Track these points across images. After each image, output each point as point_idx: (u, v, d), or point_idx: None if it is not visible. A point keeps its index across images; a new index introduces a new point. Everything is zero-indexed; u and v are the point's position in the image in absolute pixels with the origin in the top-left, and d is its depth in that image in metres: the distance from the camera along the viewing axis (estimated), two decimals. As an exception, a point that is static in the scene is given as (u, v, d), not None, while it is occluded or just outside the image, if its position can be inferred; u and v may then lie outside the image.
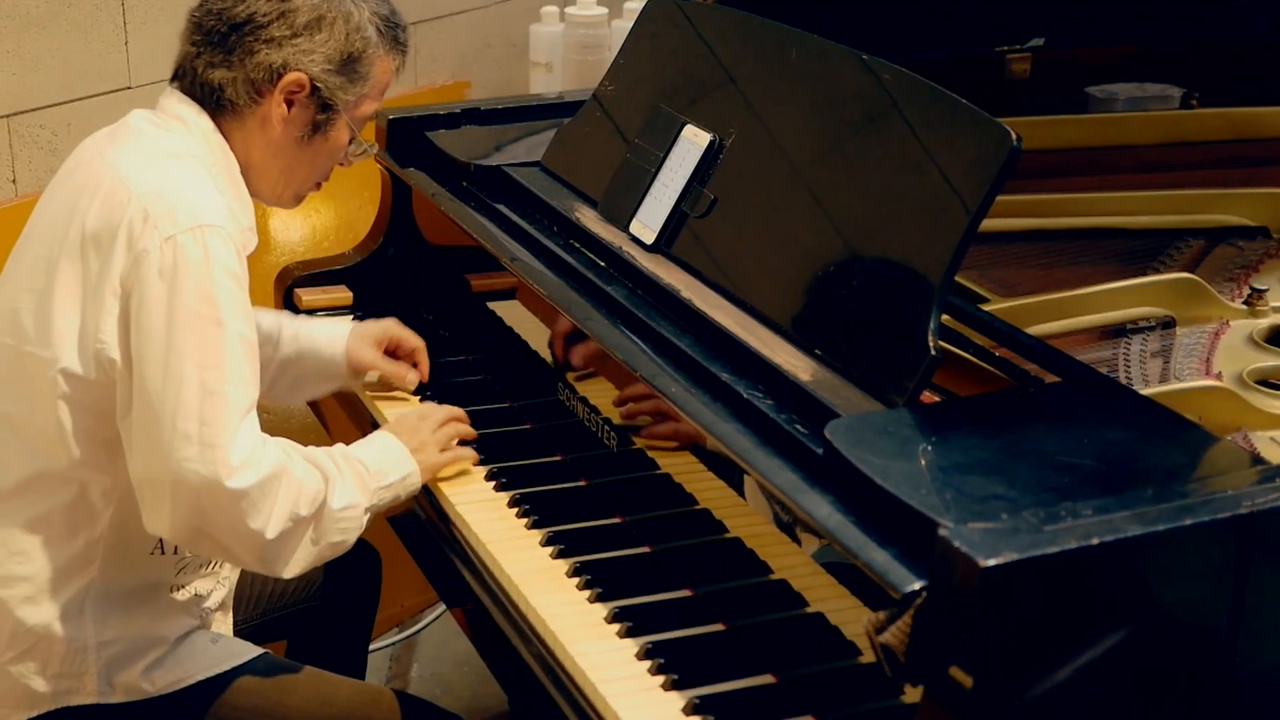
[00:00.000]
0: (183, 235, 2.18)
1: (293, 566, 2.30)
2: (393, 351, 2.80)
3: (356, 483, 2.36)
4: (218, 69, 2.33)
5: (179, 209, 2.20)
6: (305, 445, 2.35)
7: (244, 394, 2.20)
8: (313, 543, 2.30)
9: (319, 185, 2.50)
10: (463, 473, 2.51)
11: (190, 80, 2.36)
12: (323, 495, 2.29)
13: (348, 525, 2.34)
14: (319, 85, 2.34)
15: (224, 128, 2.36)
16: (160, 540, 2.33)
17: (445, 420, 2.53)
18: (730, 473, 2.21)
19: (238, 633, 2.60)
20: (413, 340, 2.79)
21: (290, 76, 2.32)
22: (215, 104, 2.35)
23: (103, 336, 2.21)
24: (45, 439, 2.27)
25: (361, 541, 2.87)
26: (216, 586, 2.48)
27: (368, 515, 2.38)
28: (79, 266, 2.23)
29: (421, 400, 2.76)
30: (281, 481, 2.22)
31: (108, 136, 2.37)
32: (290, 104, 2.34)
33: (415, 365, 2.80)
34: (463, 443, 2.55)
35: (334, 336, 2.76)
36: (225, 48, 2.32)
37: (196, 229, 2.18)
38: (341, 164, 2.48)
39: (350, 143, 2.45)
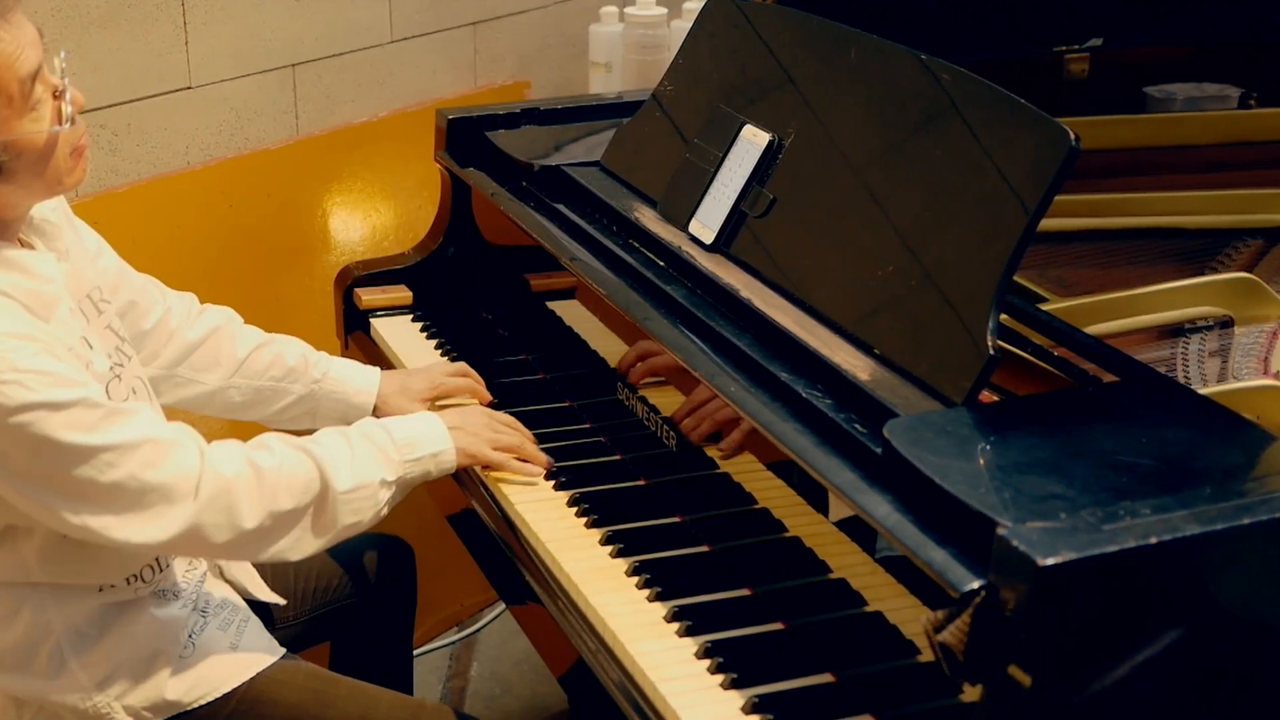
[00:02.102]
0: None
1: (298, 553, 2.28)
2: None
3: (375, 457, 2.32)
4: None
5: None
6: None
7: (124, 459, 2.10)
8: (319, 530, 2.28)
9: (76, 153, 2.18)
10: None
11: None
12: (317, 483, 2.25)
13: (361, 505, 2.30)
14: None
15: None
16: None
17: (507, 424, 2.52)
18: (789, 473, 2.22)
19: (282, 632, 2.58)
20: (462, 384, 2.73)
21: None
22: None
23: None
24: None
25: (396, 540, 2.85)
26: (189, 567, 2.43)
27: (391, 490, 2.34)
28: None
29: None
30: (232, 492, 2.18)
31: None
32: None
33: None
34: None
35: (364, 389, 2.69)
36: None
37: None
38: (70, 123, 2.13)
39: (60, 118, 2.13)
